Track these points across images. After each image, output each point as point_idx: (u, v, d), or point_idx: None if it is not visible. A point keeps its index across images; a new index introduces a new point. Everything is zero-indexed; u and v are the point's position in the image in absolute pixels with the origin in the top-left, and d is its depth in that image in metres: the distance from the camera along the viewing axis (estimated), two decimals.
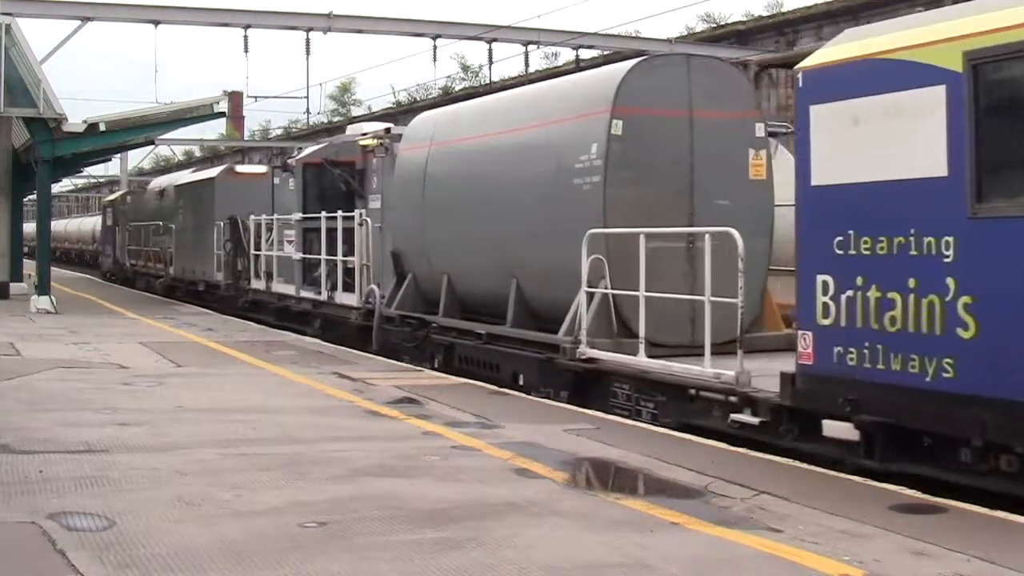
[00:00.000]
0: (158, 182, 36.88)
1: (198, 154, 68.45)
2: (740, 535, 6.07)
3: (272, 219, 22.14)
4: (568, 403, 11.02)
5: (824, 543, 5.89)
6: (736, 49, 30.78)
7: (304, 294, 19.63)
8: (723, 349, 9.46)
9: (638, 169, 11.25)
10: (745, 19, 35.13)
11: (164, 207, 32.35)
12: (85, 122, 24.20)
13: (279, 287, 21.31)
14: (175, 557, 5.49)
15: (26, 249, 32.78)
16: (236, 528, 6.08)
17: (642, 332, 10.28)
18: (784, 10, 34.69)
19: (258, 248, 22.68)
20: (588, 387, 11.12)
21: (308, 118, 45.79)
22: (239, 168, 29.59)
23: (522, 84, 26.39)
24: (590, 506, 6.79)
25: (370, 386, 12.11)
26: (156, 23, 27.44)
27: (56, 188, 57.40)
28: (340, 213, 17.41)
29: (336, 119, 56.24)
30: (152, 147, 51.95)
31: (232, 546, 5.71)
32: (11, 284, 26.39)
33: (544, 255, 12.18)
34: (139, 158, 63.09)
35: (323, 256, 18.33)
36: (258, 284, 22.64)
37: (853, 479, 7.55)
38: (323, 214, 18.03)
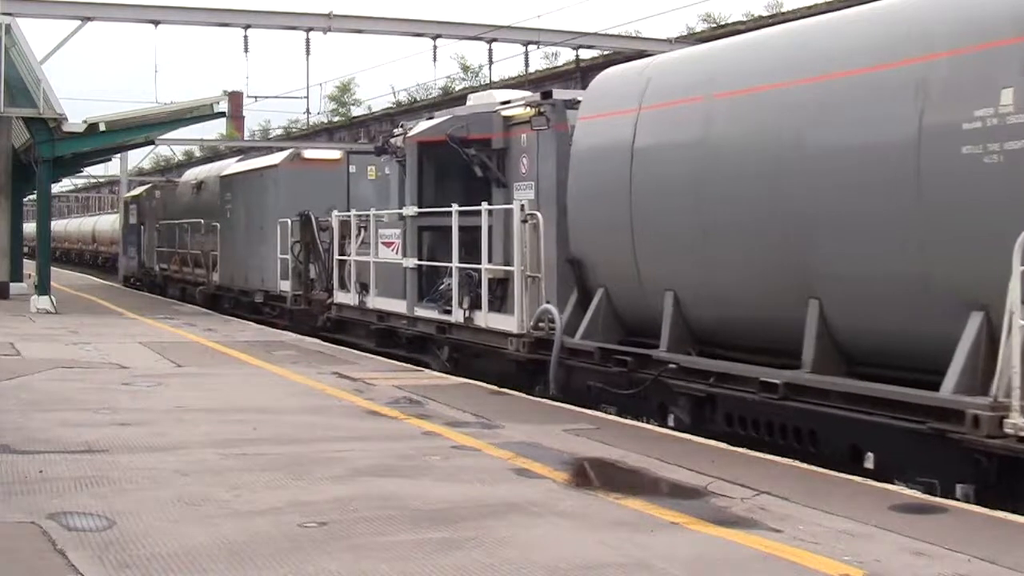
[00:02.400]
0: (194, 173, 32.46)
1: (198, 154, 68.45)
2: (740, 535, 6.07)
3: (367, 214, 17.16)
4: (975, 504, 7.09)
5: (824, 543, 5.89)
6: None
7: (422, 313, 15.07)
8: None
9: None
10: (745, 19, 35.14)
11: (204, 202, 28.18)
12: (85, 122, 24.21)
13: (379, 302, 16.48)
14: (175, 557, 5.50)
15: (26, 249, 32.79)
16: (236, 528, 6.08)
17: None
18: (784, 10, 34.71)
19: (344, 252, 17.97)
20: (1015, 477, 7.13)
21: (308, 118, 45.82)
22: (307, 153, 23.91)
23: (522, 84, 26.16)
24: (590, 506, 6.78)
25: (370, 386, 12.11)
26: (156, 23, 27.40)
27: (56, 188, 57.47)
28: (485, 205, 13.21)
29: (336, 119, 56.25)
30: (152, 147, 51.92)
31: (232, 546, 5.71)
32: (11, 284, 26.42)
33: (881, 266, 8.33)
34: (139, 158, 63.17)
35: (455, 264, 13.80)
36: (345, 298, 17.71)
37: (853, 479, 7.56)
38: (455, 207, 13.65)
